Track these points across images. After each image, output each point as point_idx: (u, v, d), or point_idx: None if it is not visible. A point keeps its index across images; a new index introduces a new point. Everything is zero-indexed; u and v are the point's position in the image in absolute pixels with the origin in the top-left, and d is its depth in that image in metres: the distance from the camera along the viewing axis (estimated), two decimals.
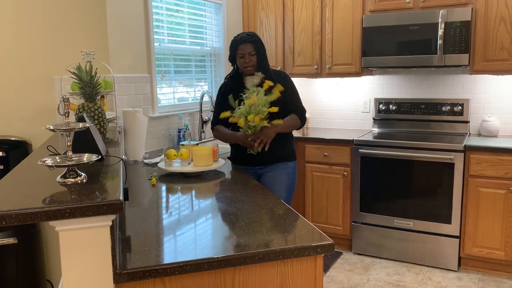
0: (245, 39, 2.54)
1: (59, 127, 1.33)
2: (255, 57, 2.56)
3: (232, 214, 1.68)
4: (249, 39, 2.55)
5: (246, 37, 2.55)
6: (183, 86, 3.70)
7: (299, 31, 4.00)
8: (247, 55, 2.55)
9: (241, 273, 1.35)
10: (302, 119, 2.69)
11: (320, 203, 3.78)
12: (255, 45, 2.56)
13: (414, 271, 3.33)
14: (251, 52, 2.55)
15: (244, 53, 2.55)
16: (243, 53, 2.55)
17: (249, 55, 2.55)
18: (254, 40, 2.56)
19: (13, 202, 1.12)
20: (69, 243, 1.16)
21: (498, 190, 3.11)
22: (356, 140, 3.55)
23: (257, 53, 2.57)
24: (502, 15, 3.22)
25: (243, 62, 2.57)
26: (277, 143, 2.60)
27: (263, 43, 2.65)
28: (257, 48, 2.57)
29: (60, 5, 2.70)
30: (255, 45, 2.56)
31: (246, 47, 2.54)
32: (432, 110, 3.78)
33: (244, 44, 2.54)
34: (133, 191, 2.05)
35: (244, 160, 2.68)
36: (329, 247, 1.40)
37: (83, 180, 1.34)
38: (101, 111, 2.18)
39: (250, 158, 2.64)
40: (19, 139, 2.62)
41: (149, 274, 1.25)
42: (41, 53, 2.71)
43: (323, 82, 4.32)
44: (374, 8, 3.65)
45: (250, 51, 2.55)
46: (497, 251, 3.17)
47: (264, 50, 2.63)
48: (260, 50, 2.58)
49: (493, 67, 3.30)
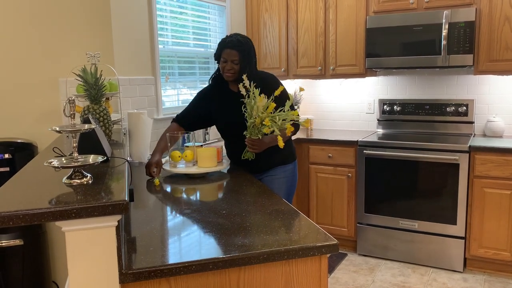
0: (233, 45, 2.37)
1: (65, 129, 1.34)
2: (238, 66, 2.38)
3: (236, 214, 1.69)
4: (237, 46, 2.37)
5: (235, 43, 2.37)
6: (187, 88, 3.71)
7: (303, 33, 4.00)
8: (229, 62, 2.38)
9: (246, 273, 1.36)
10: (296, 124, 2.46)
11: (325, 204, 3.78)
12: (241, 54, 2.37)
13: (419, 272, 3.32)
14: (235, 61, 2.37)
15: (227, 59, 2.38)
16: (226, 59, 2.39)
17: (232, 62, 2.38)
18: (241, 49, 2.37)
19: (20, 203, 1.13)
20: (75, 243, 1.17)
21: (504, 190, 3.10)
22: (361, 141, 3.55)
23: (241, 63, 2.38)
24: (507, 15, 3.21)
25: (223, 67, 2.41)
26: (273, 149, 2.49)
27: (254, 48, 2.48)
28: (243, 57, 2.38)
29: (65, 7, 2.72)
30: (241, 55, 2.37)
31: (231, 53, 2.37)
32: (437, 111, 3.77)
33: (230, 49, 2.37)
34: (138, 192, 2.05)
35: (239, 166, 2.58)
36: (333, 247, 1.40)
37: (89, 181, 1.34)
38: (106, 112, 2.20)
39: (245, 165, 2.53)
40: (25, 141, 2.64)
41: (154, 274, 1.25)
42: (47, 55, 2.73)
43: (327, 83, 4.32)
44: (378, 9, 3.65)
45: (234, 59, 2.37)
46: (503, 252, 3.16)
47: (250, 58, 2.43)
48: (245, 60, 2.39)
49: (497, 67, 3.29)
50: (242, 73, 2.38)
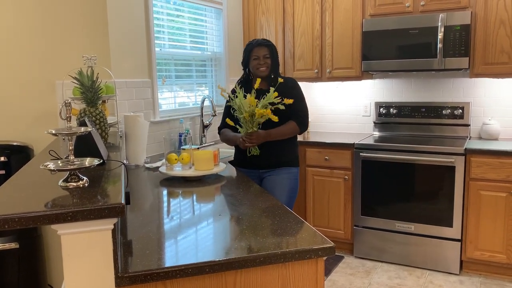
0: (261, 42, 2.67)
1: (61, 132, 1.33)
2: (269, 59, 2.66)
3: (233, 217, 1.69)
4: (265, 43, 2.68)
5: (262, 41, 2.68)
6: (184, 90, 3.71)
7: (299, 36, 4.01)
8: (261, 57, 2.65)
9: (243, 276, 1.36)
10: (302, 125, 2.69)
11: (322, 207, 3.78)
12: (270, 49, 2.67)
13: (415, 275, 3.32)
14: (266, 55, 2.66)
15: (259, 55, 2.65)
16: (258, 55, 2.65)
17: (264, 57, 2.65)
18: (269, 44, 2.68)
19: (15, 206, 1.13)
20: (71, 246, 1.16)
21: (499, 193, 3.11)
22: (357, 143, 3.56)
23: (272, 57, 2.67)
24: (502, 18, 3.23)
25: (256, 63, 2.66)
26: (280, 148, 2.64)
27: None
28: (272, 52, 2.68)
29: (62, 10, 2.71)
30: (270, 49, 2.67)
31: (261, 50, 2.66)
32: (433, 114, 3.78)
33: (260, 47, 2.66)
34: (134, 195, 2.05)
35: (247, 163, 2.70)
36: (330, 250, 1.40)
37: (85, 184, 1.34)
38: (103, 115, 2.19)
39: (254, 161, 2.67)
40: (21, 144, 2.63)
41: (150, 277, 1.25)
42: (43, 58, 2.72)
43: (323, 86, 4.33)
44: (374, 12, 3.67)
45: (265, 54, 2.66)
46: (499, 254, 3.17)
47: (277, 56, 2.74)
48: (274, 54, 2.70)
49: (493, 70, 3.31)
50: (274, 67, 2.68)
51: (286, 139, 2.67)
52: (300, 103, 2.70)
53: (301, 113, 2.68)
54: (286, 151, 2.69)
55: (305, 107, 2.73)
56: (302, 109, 2.70)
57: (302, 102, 2.72)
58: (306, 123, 2.71)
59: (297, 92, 2.70)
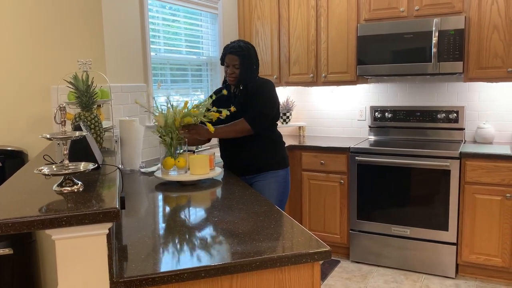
0: (233, 50, 2.54)
1: (56, 136, 1.33)
2: (238, 70, 2.56)
3: (229, 222, 1.68)
4: (237, 51, 2.54)
5: (236, 48, 2.54)
6: (180, 95, 3.71)
7: (295, 40, 4.02)
8: (231, 66, 2.57)
9: (239, 281, 1.35)
10: (252, 122, 2.51)
11: (317, 211, 3.78)
12: (241, 59, 2.54)
13: (412, 279, 3.32)
14: (236, 65, 2.55)
15: (229, 64, 2.57)
16: (228, 63, 2.58)
17: (233, 67, 2.56)
18: (241, 54, 2.54)
19: (9, 211, 1.12)
20: (66, 251, 1.15)
21: (494, 196, 3.12)
22: (353, 148, 3.56)
23: (241, 67, 2.55)
24: (495, 23, 3.26)
25: (226, 71, 2.62)
26: (262, 151, 2.61)
27: (255, 54, 2.62)
28: (242, 62, 2.54)
29: (57, 15, 2.71)
30: (241, 59, 2.54)
31: (232, 58, 2.55)
32: (428, 118, 3.80)
33: (231, 55, 2.55)
34: (129, 200, 2.04)
35: (233, 169, 2.68)
36: (326, 254, 1.40)
37: (80, 189, 1.33)
38: (98, 120, 2.19)
39: (239, 167, 2.64)
40: (15, 148, 2.62)
41: (146, 282, 1.24)
42: (38, 62, 2.71)
43: (319, 90, 4.35)
44: (369, 17, 3.69)
45: (235, 64, 2.55)
46: (494, 257, 3.17)
47: (251, 63, 2.58)
48: (246, 64, 2.55)
49: (487, 74, 3.33)
50: (242, 77, 2.57)
51: (268, 142, 2.61)
52: (259, 101, 2.55)
53: (252, 112, 2.53)
54: (269, 154, 2.63)
55: (263, 105, 2.54)
56: (256, 108, 2.54)
57: (263, 101, 2.56)
58: (258, 120, 2.52)
59: (261, 91, 2.57)
